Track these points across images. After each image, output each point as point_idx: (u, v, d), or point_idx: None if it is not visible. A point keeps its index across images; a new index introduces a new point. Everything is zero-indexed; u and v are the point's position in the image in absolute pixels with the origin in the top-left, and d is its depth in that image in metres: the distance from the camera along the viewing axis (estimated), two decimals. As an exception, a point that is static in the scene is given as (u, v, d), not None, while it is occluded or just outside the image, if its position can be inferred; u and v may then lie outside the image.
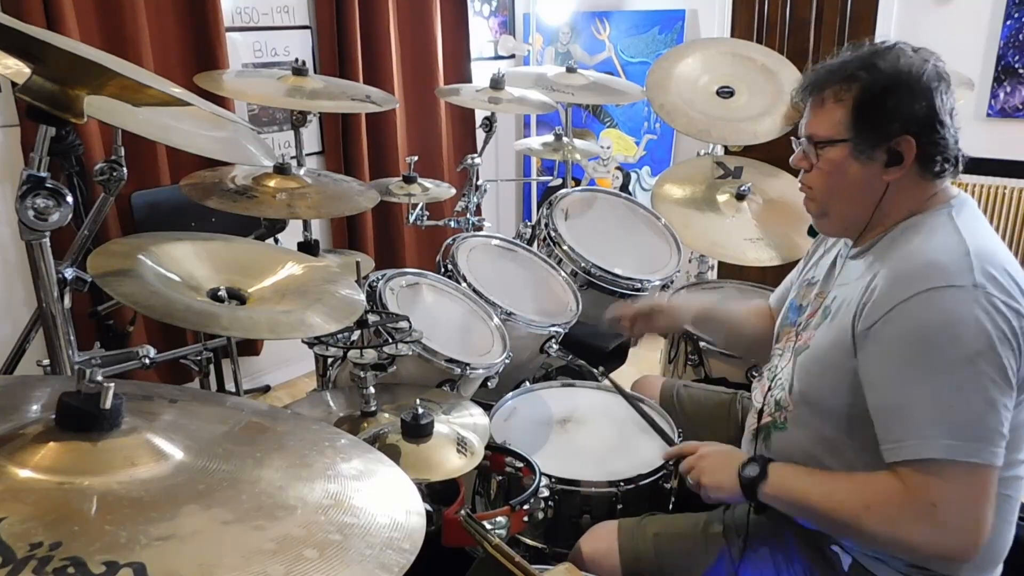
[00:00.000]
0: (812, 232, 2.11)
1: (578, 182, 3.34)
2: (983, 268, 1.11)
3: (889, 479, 1.14)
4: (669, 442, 1.59)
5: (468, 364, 1.68)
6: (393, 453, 1.25)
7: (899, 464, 1.12)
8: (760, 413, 1.41)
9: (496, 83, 2.56)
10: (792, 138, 1.36)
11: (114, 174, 1.63)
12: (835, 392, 1.23)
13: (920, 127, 1.19)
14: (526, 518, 1.35)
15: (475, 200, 2.62)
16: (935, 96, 1.19)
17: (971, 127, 3.16)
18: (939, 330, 1.10)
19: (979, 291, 1.09)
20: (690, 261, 2.77)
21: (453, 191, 2.59)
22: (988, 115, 3.16)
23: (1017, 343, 1.10)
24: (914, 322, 1.12)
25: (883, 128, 1.21)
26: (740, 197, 2.47)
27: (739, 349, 1.95)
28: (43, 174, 1.13)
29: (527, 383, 1.95)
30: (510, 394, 1.79)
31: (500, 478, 1.51)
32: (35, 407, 0.85)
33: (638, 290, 2.21)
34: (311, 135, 3.38)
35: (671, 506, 1.54)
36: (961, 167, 1.24)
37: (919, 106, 1.19)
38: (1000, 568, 1.25)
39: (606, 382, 1.84)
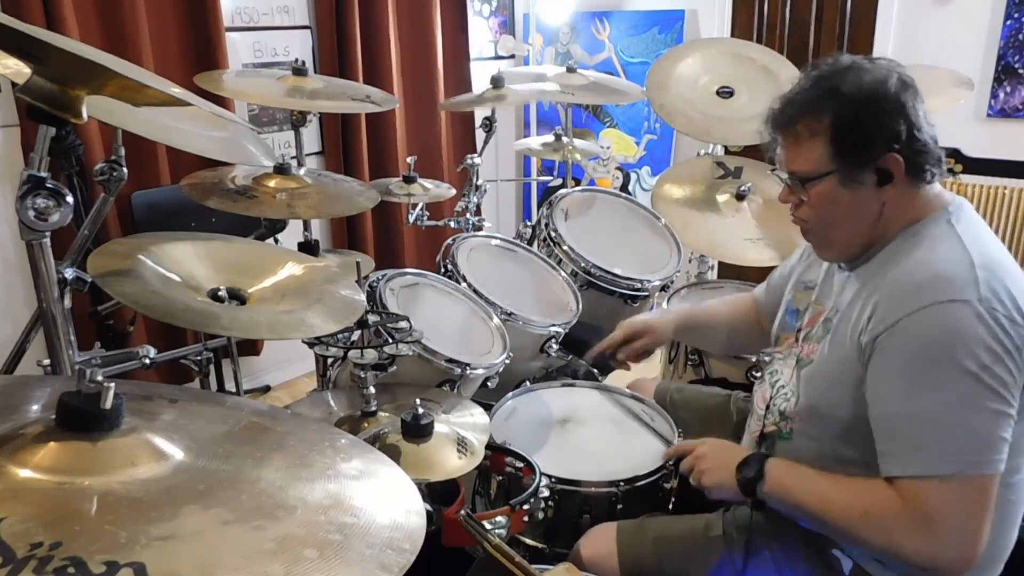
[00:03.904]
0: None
1: (578, 182, 3.34)
2: (988, 281, 1.12)
3: (886, 490, 1.14)
4: (666, 441, 1.59)
5: (468, 364, 1.68)
6: (393, 453, 1.25)
7: (899, 477, 1.13)
8: (763, 420, 1.40)
9: (496, 83, 2.56)
10: (773, 172, 1.34)
11: (114, 174, 1.63)
12: (841, 406, 1.23)
13: (902, 141, 1.19)
14: (526, 518, 1.34)
15: (475, 200, 2.61)
16: (906, 106, 1.19)
17: (971, 127, 3.17)
18: (943, 345, 1.10)
19: (983, 305, 1.10)
20: (690, 261, 2.77)
21: (453, 191, 2.59)
22: (988, 115, 3.16)
23: (1020, 354, 1.11)
24: (919, 336, 1.12)
25: (866, 152, 1.20)
26: (740, 197, 2.47)
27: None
28: (43, 174, 1.13)
29: (527, 383, 1.95)
30: (510, 394, 1.79)
31: (500, 478, 1.51)
32: (35, 407, 0.85)
33: (638, 290, 2.22)
34: (311, 135, 3.38)
35: (671, 506, 1.54)
36: (945, 166, 1.24)
37: (895, 121, 1.18)
38: (1000, 568, 1.25)
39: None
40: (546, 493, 1.41)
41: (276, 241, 2.15)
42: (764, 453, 1.32)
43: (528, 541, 1.50)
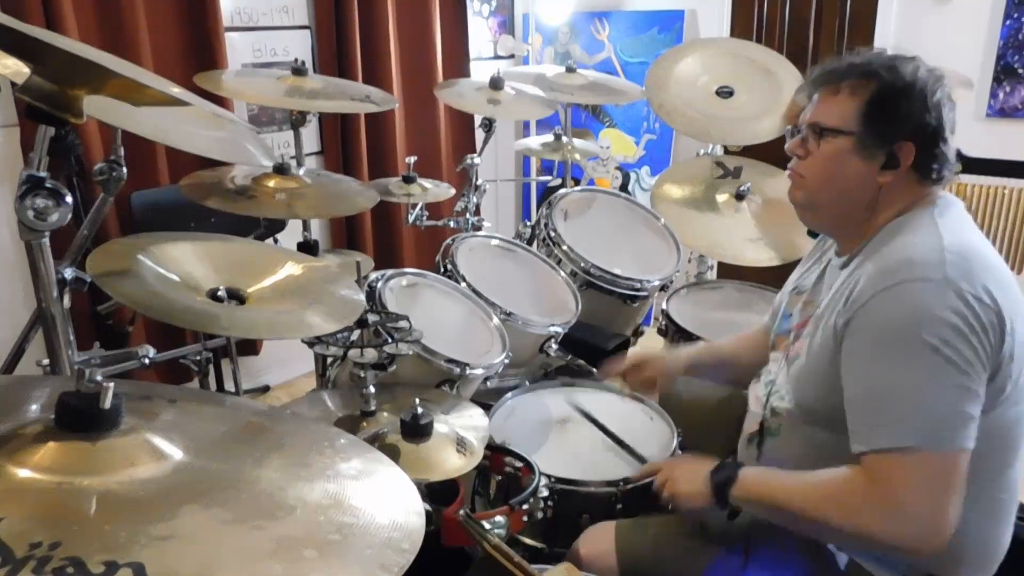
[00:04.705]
0: (812, 233, 2.10)
1: (577, 182, 3.34)
2: (956, 263, 1.13)
3: (852, 470, 1.15)
4: (640, 460, 1.57)
5: (467, 364, 1.68)
6: (392, 453, 1.25)
7: (866, 453, 1.13)
8: (760, 420, 1.41)
9: (495, 83, 2.56)
10: (789, 128, 1.37)
11: (113, 174, 1.62)
12: (826, 397, 1.24)
13: (925, 136, 1.23)
14: (525, 518, 1.35)
15: (474, 200, 2.61)
16: (943, 111, 1.23)
17: (971, 127, 3.16)
18: (908, 322, 1.12)
19: (949, 285, 1.11)
20: (689, 261, 2.77)
21: (452, 191, 2.59)
22: (988, 115, 3.16)
23: (986, 334, 1.11)
24: (884, 314, 1.14)
25: (890, 129, 1.24)
26: (739, 197, 2.47)
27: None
28: (42, 174, 1.13)
29: (527, 383, 1.95)
30: (510, 394, 1.79)
31: (499, 478, 1.51)
32: (35, 407, 0.85)
33: (638, 290, 2.22)
34: (310, 135, 3.38)
35: (670, 506, 1.54)
36: (952, 176, 1.27)
37: (929, 117, 1.22)
38: (995, 567, 1.25)
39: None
40: (545, 493, 1.41)
41: (275, 241, 2.15)
42: (738, 462, 1.33)
43: (527, 541, 1.50)
